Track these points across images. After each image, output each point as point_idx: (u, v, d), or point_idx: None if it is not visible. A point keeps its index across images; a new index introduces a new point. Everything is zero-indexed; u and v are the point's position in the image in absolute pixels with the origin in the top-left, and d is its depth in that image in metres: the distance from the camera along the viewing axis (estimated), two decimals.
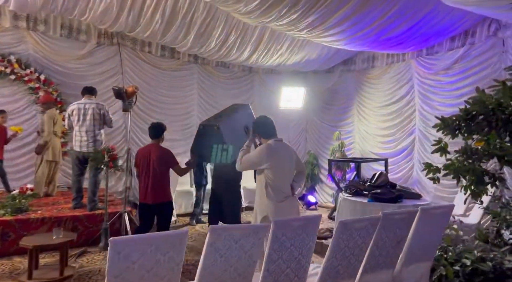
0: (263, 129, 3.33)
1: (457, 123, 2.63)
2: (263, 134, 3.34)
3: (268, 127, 3.34)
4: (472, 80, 5.34)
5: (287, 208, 3.24)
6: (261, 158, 3.19)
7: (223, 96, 7.54)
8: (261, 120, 3.39)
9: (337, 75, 7.64)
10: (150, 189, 3.91)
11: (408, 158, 6.28)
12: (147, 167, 3.93)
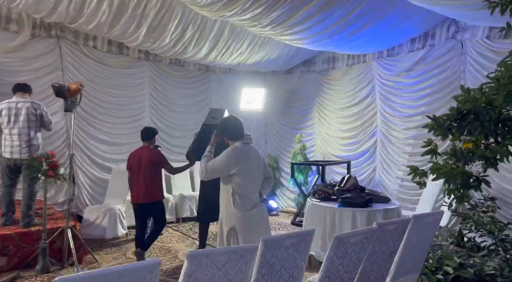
0: (232, 131, 3.00)
1: (448, 123, 2.44)
2: (232, 136, 2.99)
3: (238, 128, 3.02)
4: (432, 82, 5.38)
5: (256, 217, 2.94)
6: (229, 162, 2.85)
7: (178, 97, 7.05)
8: (231, 121, 3.06)
9: (297, 76, 7.46)
10: (143, 189, 4.12)
11: (370, 160, 6.22)
12: (139, 168, 4.15)
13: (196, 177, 7.01)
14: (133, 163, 4.22)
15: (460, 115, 2.46)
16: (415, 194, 5.47)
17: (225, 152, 2.90)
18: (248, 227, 2.86)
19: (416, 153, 5.52)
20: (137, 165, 4.16)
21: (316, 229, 4.37)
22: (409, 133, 5.63)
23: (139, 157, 4.18)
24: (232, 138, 2.98)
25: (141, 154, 4.21)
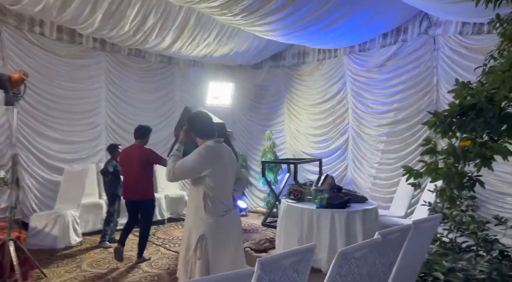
0: (200, 127, 2.64)
1: (450, 120, 2.23)
2: (200, 133, 2.64)
3: (206, 124, 2.66)
4: (405, 78, 5.30)
5: (228, 224, 2.62)
6: (201, 163, 2.51)
7: (138, 91, 6.51)
8: (199, 116, 2.70)
9: (265, 71, 7.17)
10: (133, 186, 4.18)
11: (342, 157, 6.07)
12: (130, 166, 4.18)
13: (160, 176, 6.53)
14: (124, 160, 4.33)
15: (460, 111, 2.26)
16: (388, 192, 5.37)
17: (197, 151, 2.55)
18: (219, 234, 2.55)
19: (389, 150, 5.43)
20: (127, 162, 4.24)
21: (292, 232, 4.12)
22: (381, 130, 5.53)
23: (128, 154, 4.27)
24: (202, 136, 2.64)
25: (130, 151, 4.28)
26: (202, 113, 2.74)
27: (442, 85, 4.91)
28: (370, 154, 5.64)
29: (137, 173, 4.16)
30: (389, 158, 5.43)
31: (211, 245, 2.51)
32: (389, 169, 5.41)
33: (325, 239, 3.93)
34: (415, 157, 5.15)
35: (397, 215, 4.69)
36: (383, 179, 5.47)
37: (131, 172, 4.18)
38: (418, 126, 5.13)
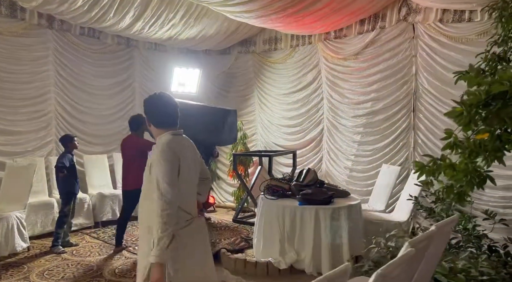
0: (160, 113, 2.12)
1: (475, 111, 1.96)
2: (155, 121, 2.12)
3: (160, 110, 2.12)
4: (383, 67, 5.12)
5: (192, 236, 2.10)
6: (175, 163, 1.99)
7: (92, 76, 5.85)
8: (152, 100, 2.15)
9: (234, 57, 6.73)
10: (124, 177, 4.28)
11: (317, 149, 5.83)
12: (125, 156, 4.29)
13: (118, 171, 5.93)
14: (121, 150, 4.40)
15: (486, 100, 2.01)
16: (365, 185, 5.22)
17: (159, 150, 1.99)
18: (181, 252, 2.01)
19: (365, 141, 5.25)
20: (122, 152, 4.37)
21: (273, 231, 3.79)
22: (358, 121, 5.33)
23: (122, 145, 4.34)
24: (158, 124, 2.11)
25: (124, 142, 4.33)
26: (156, 97, 2.17)
27: (421, 74, 4.77)
28: (346, 145, 5.44)
29: (125, 164, 4.30)
30: (365, 149, 5.26)
31: (172, 267, 1.96)
32: (366, 161, 5.24)
33: (309, 238, 3.65)
34: (393, 148, 5.01)
35: (377, 209, 4.52)
36: (359, 172, 5.30)
37: (123, 162, 4.34)
38: (396, 117, 4.98)
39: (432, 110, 4.66)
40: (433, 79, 4.65)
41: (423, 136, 4.76)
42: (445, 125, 4.53)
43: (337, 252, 3.66)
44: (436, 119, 4.62)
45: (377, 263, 2.97)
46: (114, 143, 6.08)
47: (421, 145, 4.79)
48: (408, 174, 4.85)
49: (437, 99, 4.60)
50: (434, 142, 4.64)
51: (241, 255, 4.13)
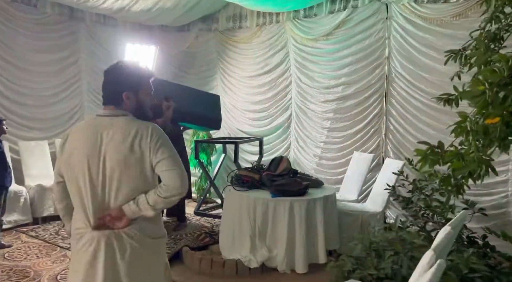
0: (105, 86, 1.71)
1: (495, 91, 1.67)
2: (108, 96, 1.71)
3: (111, 81, 1.69)
4: (355, 49, 4.84)
5: (80, 260, 1.61)
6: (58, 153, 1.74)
7: (29, 50, 5.08)
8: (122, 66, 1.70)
9: (194, 35, 6.16)
10: None
11: (284, 136, 5.50)
12: None
13: None
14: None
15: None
16: (335, 173, 4.98)
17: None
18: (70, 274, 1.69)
19: (336, 128, 4.99)
20: None
21: (243, 226, 3.41)
22: (328, 106, 5.05)
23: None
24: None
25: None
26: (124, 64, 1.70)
27: (395, 58, 4.56)
28: (316, 132, 5.15)
29: None
30: (336, 136, 5.01)
31: None
32: (336, 148, 5.00)
33: (282, 233, 3.32)
34: (364, 135, 4.80)
35: (349, 199, 4.29)
36: (329, 159, 5.05)
37: None
38: (368, 103, 4.76)
39: (404, 95, 4.48)
40: (406, 63, 4.45)
41: (395, 122, 4.58)
42: (417, 111, 4.38)
43: (312, 247, 3.38)
44: (408, 105, 4.45)
45: (361, 261, 2.70)
46: (56, 127, 5.37)
47: (392, 131, 4.61)
48: (379, 161, 4.67)
49: (410, 84, 4.42)
50: (406, 128, 4.47)
51: (206, 252, 3.72)
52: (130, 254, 1.59)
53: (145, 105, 1.72)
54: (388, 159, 4.31)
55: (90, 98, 5.70)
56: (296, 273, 3.31)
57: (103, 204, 1.59)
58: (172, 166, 1.58)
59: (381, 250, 2.73)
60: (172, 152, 1.62)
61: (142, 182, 1.60)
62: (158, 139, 1.59)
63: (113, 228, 1.57)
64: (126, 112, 1.65)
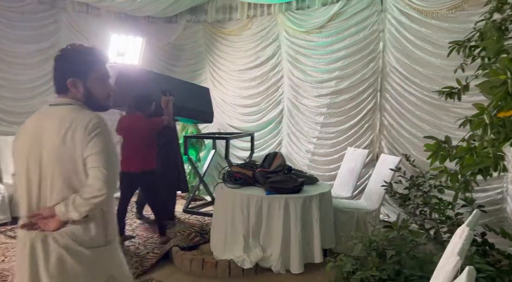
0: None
1: None
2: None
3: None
4: (348, 42, 4.73)
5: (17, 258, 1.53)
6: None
7: (7, 40, 4.81)
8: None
9: (182, 27, 5.95)
10: (137, 157, 3.68)
11: (276, 131, 5.37)
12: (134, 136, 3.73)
13: None
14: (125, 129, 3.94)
15: None
16: (328, 169, 4.88)
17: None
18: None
19: (329, 123, 4.88)
20: (130, 132, 3.87)
21: (235, 225, 3.26)
22: (321, 101, 4.94)
23: (133, 124, 3.86)
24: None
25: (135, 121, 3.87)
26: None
27: (389, 51, 4.47)
28: (308, 127, 5.03)
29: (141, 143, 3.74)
30: (329, 131, 4.90)
31: None
32: (329, 144, 4.89)
33: (277, 232, 3.19)
34: (358, 130, 4.71)
35: (342, 195, 4.19)
36: (322, 155, 4.94)
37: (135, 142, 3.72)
38: (362, 97, 4.66)
39: (399, 90, 4.39)
40: (401, 57, 4.36)
41: (390, 117, 4.50)
42: (412, 106, 4.30)
43: (307, 246, 3.26)
44: (403, 100, 4.36)
45: (361, 262, 2.59)
46: None
47: (387, 126, 4.53)
48: (373, 157, 4.59)
49: (405, 78, 4.33)
50: (400, 123, 4.39)
51: (197, 252, 3.57)
52: (56, 264, 1.40)
53: (97, 93, 1.53)
54: (384, 155, 4.22)
55: None
56: (291, 274, 3.19)
57: (39, 203, 1.44)
58: (98, 163, 1.37)
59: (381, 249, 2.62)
60: (105, 147, 1.40)
61: (76, 179, 1.41)
62: (93, 131, 1.39)
63: (44, 229, 1.41)
64: (72, 101, 1.49)
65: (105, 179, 1.36)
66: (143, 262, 3.33)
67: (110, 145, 1.43)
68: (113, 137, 1.50)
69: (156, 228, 4.17)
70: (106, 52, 1.63)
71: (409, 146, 4.29)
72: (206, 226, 4.28)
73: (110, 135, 1.46)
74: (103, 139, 1.40)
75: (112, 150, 1.44)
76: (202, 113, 4.76)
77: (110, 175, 1.38)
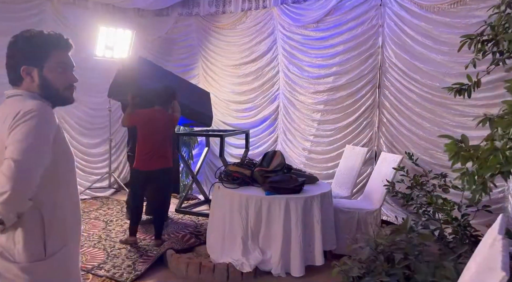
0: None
1: None
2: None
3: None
4: (346, 37, 4.61)
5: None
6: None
7: None
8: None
9: (173, 20, 5.74)
10: (158, 152, 3.56)
11: (271, 128, 5.22)
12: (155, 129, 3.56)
13: None
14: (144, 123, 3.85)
15: None
16: (325, 168, 4.76)
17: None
18: None
19: (326, 120, 4.76)
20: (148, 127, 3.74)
21: (234, 227, 3.11)
22: (318, 97, 4.81)
23: (152, 118, 3.69)
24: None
25: (154, 115, 3.71)
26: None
27: (389, 47, 4.36)
28: (305, 124, 4.90)
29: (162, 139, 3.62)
30: (326, 129, 4.78)
31: None
32: (326, 142, 4.77)
33: (277, 234, 3.06)
34: (356, 128, 4.60)
35: (341, 195, 4.07)
36: (319, 153, 4.82)
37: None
38: (360, 94, 4.55)
39: (398, 86, 4.29)
40: (400, 52, 4.25)
41: (389, 114, 4.40)
42: (412, 103, 4.20)
43: (308, 249, 3.13)
44: (402, 96, 4.26)
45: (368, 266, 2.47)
46: None
47: (386, 124, 4.43)
48: (372, 155, 4.49)
49: (405, 74, 4.23)
50: (400, 121, 4.29)
51: (192, 255, 3.41)
52: None
53: (55, 84, 1.35)
54: (384, 153, 4.11)
55: None
56: (292, 277, 3.06)
57: None
58: (10, 154, 1.14)
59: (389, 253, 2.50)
60: (25, 138, 1.17)
61: None
62: (19, 120, 1.19)
63: None
64: (21, 92, 1.31)
65: (10, 174, 1.11)
66: (136, 266, 3.16)
67: (35, 137, 1.19)
68: (47, 131, 1.25)
69: (147, 229, 4.00)
70: (64, 38, 1.41)
71: (408, 143, 4.20)
72: (200, 227, 4.12)
73: (42, 127, 1.23)
74: (27, 129, 1.18)
75: (35, 143, 1.18)
76: (203, 116, 4.59)
77: (21, 170, 1.13)
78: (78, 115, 5.44)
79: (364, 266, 2.50)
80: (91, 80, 5.51)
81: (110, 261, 3.26)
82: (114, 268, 3.13)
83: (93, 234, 3.98)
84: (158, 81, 3.91)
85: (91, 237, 3.88)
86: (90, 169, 5.49)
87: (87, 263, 3.22)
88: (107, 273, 3.04)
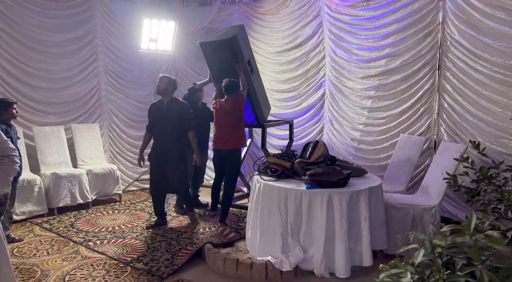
0: None
1: None
2: None
3: None
4: (401, 15, 4.15)
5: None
6: None
7: (42, 29, 4.77)
8: None
9: (216, 9, 5.62)
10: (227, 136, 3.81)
11: (316, 118, 4.92)
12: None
13: (79, 145, 4.95)
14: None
15: None
16: (376, 159, 4.38)
17: None
18: None
19: (378, 108, 4.36)
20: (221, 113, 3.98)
21: (272, 222, 2.88)
22: (368, 83, 4.42)
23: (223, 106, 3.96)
24: None
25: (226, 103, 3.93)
26: None
27: (451, 22, 3.84)
28: (353, 113, 4.54)
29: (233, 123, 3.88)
30: (378, 117, 4.38)
31: None
32: (378, 131, 4.38)
33: (320, 231, 2.81)
34: (412, 115, 4.15)
35: (395, 189, 3.70)
36: (369, 144, 4.44)
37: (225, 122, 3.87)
38: (417, 77, 4.09)
39: (462, 67, 3.77)
40: (465, 28, 3.72)
41: (450, 99, 3.90)
42: (479, 85, 3.67)
43: (354, 248, 2.84)
44: (467, 78, 3.74)
45: (422, 270, 2.15)
46: (72, 112, 5.09)
47: (447, 109, 3.94)
48: (431, 145, 4.03)
49: (470, 53, 3.70)
50: (464, 106, 3.78)
51: (231, 250, 3.27)
52: None
53: None
54: (444, 142, 3.66)
55: (107, 80, 5.36)
56: (336, 278, 2.80)
57: None
58: None
59: (449, 257, 2.14)
60: None
61: None
62: None
63: None
64: None
65: None
66: (174, 260, 3.09)
67: None
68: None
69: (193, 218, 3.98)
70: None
71: (474, 131, 3.69)
72: (242, 220, 3.98)
73: None
74: None
75: None
76: (260, 109, 4.38)
77: None
78: (126, 108, 5.56)
79: (418, 271, 2.17)
80: (137, 74, 5.60)
81: (150, 254, 3.22)
82: (153, 261, 3.08)
83: (137, 226, 4.00)
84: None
85: (134, 229, 3.90)
86: None
87: (127, 256, 3.22)
88: (145, 266, 2.99)
